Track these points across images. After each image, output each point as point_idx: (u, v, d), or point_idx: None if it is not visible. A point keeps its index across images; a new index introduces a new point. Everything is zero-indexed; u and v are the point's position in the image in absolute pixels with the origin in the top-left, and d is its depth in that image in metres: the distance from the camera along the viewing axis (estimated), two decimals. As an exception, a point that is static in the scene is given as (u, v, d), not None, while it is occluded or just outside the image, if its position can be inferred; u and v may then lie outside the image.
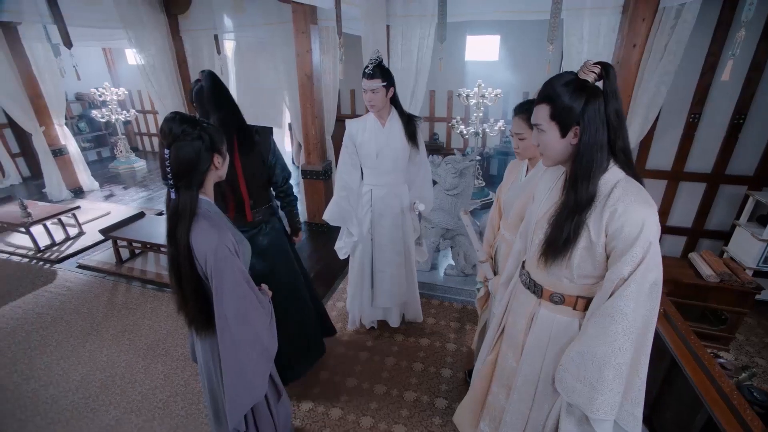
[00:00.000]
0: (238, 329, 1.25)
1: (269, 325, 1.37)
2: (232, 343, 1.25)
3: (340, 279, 3.46)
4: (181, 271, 1.22)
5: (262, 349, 1.33)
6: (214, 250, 1.18)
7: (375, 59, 2.06)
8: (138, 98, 8.24)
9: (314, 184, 4.37)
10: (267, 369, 1.38)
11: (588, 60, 1.02)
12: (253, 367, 1.31)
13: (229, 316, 1.23)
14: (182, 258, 1.20)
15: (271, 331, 1.38)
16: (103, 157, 7.96)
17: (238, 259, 1.24)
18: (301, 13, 3.63)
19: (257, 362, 1.32)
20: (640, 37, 2.94)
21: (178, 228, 1.19)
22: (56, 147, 5.43)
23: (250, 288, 1.29)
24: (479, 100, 4.84)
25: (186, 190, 1.20)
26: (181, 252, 1.20)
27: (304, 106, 4.10)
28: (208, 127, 1.23)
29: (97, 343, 2.75)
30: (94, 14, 4.32)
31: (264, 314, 1.34)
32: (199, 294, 1.26)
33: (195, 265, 1.22)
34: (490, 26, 5.82)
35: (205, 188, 1.27)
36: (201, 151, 1.19)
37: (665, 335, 1.89)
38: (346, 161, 2.34)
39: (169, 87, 4.24)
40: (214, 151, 1.24)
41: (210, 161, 1.24)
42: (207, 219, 1.22)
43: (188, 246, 1.19)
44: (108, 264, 3.79)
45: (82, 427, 2.13)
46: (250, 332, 1.28)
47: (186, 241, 1.19)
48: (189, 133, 1.17)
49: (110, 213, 4.99)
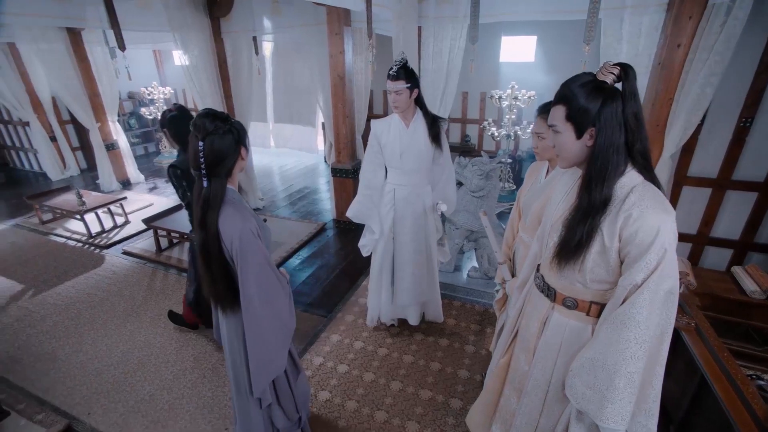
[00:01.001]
0: (261, 307, 1.36)
1: (288, 303, 1.48)
2: (256, 320, 1.36)
3: (364, 276, 3.52)
4: (210, 254, 1.33)
5: (282, 324, 1.44)
6: (239, 234, 1.29)
7: (399, 61, 2.09)
8: (182, 97, 8.71)
9: (343, 183, 4.46)
10: (286, 343, 1.49)
11: (607, 61, 1.00)
12: (274, 342, 1.42)
13: (252, 295, 1.33)
14: (211, 241, 1.31)
15: (290, 309, 1.49)
16: (149, 152, 8.48)
17: (261, 242, 1.35)
18: (335, 15, 3.72)
19: (277, 337, 1.43)
20: (685, 36, 2.80)
21: (208, 214, 1.30)
22: (109, 142, 5.88)
23: (272, 269, 1.39)
24: (512, 102, 4.75)
25: (216, 179, 1.31)
26: (210, 236, 1.31)
27: (335, 106, 4.19)
28: (236, 123, 1.35)
29: (136, 324, 2.96)
30: (145, 18, 4.65)
31: (283, 294, 1.45)
32: (226, 275, 1.37)
33: (222, 248, 1.32)
34: (526, 26, 5.69)
35: (232, 177, 1.39)
36: (231, 143, 1.31)
37: (696, 351, 1.79)
38: (370, 160, 2.40)
39: (210, 86, 4.47)
40: (241, 143, 1.36)
41: (238, 153, 1.35)
42: (232, 206, 1.33)
43: (217, 230, 1.30)
44: (149, 252, 4.06)
45: (120, 399, 2.31)
46: (271, 309, 1.39)
47: (215, 226, 1.30)
48: (221, 127, 1.29)
49: (153, 204, 5.33)
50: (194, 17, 4.16)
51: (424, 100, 2.32)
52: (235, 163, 1.36)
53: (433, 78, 3.85)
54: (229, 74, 4.65)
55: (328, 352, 2.60)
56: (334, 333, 2.79)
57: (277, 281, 1.41)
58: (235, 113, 4.82)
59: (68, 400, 2.32)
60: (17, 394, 2.37)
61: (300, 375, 1.73)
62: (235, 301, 1.39)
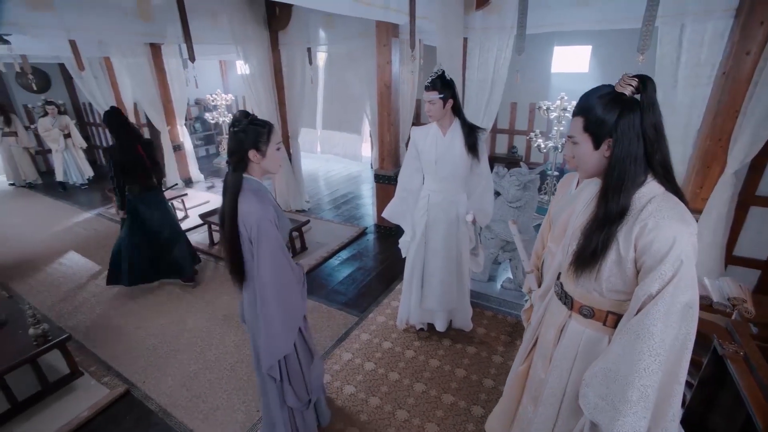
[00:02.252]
0: (273, 288, 1.51)
1: (299, 290, 1.62)
2: (266, 301, 1.52)
3: (399, 281, 3.58)
4: (224, 231, 1.51)
5: (292, 307, 1.58)
6: (258, 221, 1.44)
7: (436, 72, 2.16)
8: (242, 103, 9.36)
9: (386, 189, 4.56)
10: (295, 324, 1.63)
11: (626, 73, 1.01)
12: (283, 321, 1.56)
13: (266, 276, 1.49)
14: (227, 220, 1.48)
15: (301, 294, 1.64)
16: (210, 153, 9.20)
17: (278, 231, 1.50)
18: (383, 27, 3.88)
19: (286, 317, 1.57)
20: (755, 43, 2.61)
21: (224, 197, 1.50)
22: (176, 143, 6.53)
23: (285, 255, 1.54)
24: (561, 114, 4.62)
25: (233, 170, 1.50)
26: (225, 216, 1.49)
27: (381, 114, 4.33)
28: (254, 128, 1.48)
29: (187, 309, 3.25)
30: (213, 33, 5.14)
31: (295, 281, 1.59)
32: (235, 251, 1.52)
33: (239, 229, 1.48)
34: (581, 36, 5.52)
35: (253, 171, 1.53)
36: (239, 143, 1.47)
37: (742, 383, 1.65)
38: (408, 164, 2.50)
39: (265, 94, 4.81)
40: (253, 147, 1.48)
41: (244, 152, 1.48)
42: (256, 195, 1.50)
43: (233, 213, 1.47)
44: (203, 244, 4.42)
45: (170, 373, 2.57)
46: (282, 292, 1.54)
47: (230, 208, 1.47)
48: (237, 127, 1.46)
49: (209, 202, 5.79)
50: (255, 31, 4.51)
51: (462, 110, 2.37)
52: (247, 160, 1.50)
53: (477, 88, 3.86)
54: (284, 83, 4.97)
55: (357, 349, 2.70)
56: (365, 332, 2.87)
57: (289, 268, 1.56)
58: (287, 119, 5.13)
59: (129, 368, 2.62)
60: (90, 358, 2.73)
61: (315, 361, 1.85)
62: (240, 277, 1.57)
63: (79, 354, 2.71)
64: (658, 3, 2.78)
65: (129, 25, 4.85)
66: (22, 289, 3.68)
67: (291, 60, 4.85)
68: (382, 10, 3.35)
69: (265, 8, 4.58)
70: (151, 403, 2.34)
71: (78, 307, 3.34)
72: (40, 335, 2.30)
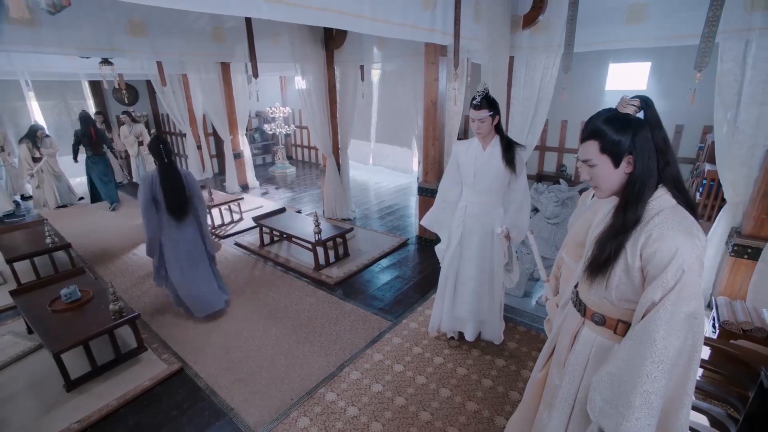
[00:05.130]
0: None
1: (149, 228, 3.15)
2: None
3: (433, 291, 3.65)
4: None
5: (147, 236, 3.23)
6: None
7: (482, 91, 2.26)
8: (298, 116, 9.97)
9: (428, 201, 4.66)
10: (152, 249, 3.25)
11: (624, 96, 1.07)
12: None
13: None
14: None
15: (150, 234, 3.18)
16: (266, 162, 9.87)
17: (145, 193, 3.02)
18: (431, 46, 4.05)
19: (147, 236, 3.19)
20: (828, 61, 2.44)
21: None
22: (237, 151, 7.15)
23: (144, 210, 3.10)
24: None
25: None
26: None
27: (426, 128, 4.48)
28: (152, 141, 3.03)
29: (237, 303, 3.56)
30: (275, 52, 5.66)
31: (149, 227, 3.17)
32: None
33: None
34: (639, 53, 5.33)
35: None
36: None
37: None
38: (449, 176, 2.63)
39: (319, 107, 5.16)
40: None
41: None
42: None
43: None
44: (254, 245, 4.78)
45: (217, 357, 2.84)
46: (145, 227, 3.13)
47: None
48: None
49: (262, 207, 6.23)
50: (313, 50, 4.90)
51: (502, 127, 2.45)
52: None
53: (522, 106, 3.90)
54: (336, 98, 5.30)
55: (388, 351, 2.81)
56: (397, 336, 2.98)
57: (147, 219, 3.10)
58: (338, 131, 5.44)
59: (183, 349, 2.94)
60: (153, 337, 3.09)
61: (173, 281, 3.27)
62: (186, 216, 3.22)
63: (144, 332, 3.08)
64: (718, 20, 2.70)
65: (205, 47, 5.51)
66: (104, 272, 4.23)
67: (344, 76, 5.17)
68: (428, 32, 3.53)
69: (323, 29, 4.95)
70: (200, 381, 2.61)
71: (146, 291, 3.78)
72: (117, 311, 2.67)
